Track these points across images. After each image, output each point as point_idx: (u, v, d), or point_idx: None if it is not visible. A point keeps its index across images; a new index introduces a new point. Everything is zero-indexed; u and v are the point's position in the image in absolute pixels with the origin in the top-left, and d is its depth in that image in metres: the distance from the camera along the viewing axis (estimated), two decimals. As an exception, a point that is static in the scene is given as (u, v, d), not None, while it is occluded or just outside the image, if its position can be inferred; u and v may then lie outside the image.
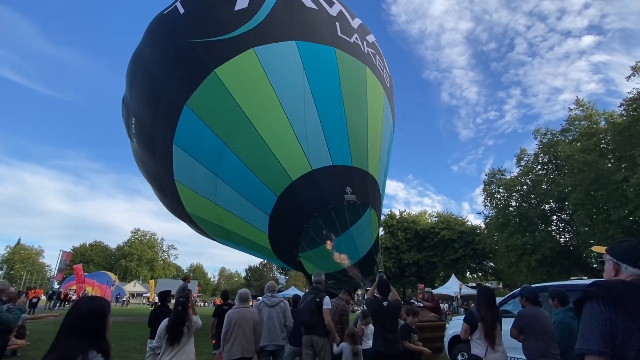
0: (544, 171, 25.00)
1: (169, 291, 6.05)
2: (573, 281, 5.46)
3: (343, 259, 8.91)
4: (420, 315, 8.17)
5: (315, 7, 9.59)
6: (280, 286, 51.24)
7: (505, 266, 26.68)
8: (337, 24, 9.88)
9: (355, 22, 10.87)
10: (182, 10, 9.15)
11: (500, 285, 31.86)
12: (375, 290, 4.53)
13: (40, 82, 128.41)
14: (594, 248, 2.34)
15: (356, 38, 10.22)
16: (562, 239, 24.11)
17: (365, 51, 10.37)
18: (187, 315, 3.88)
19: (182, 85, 8.76)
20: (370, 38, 11.27)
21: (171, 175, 9.75)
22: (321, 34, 9.34)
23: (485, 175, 28.11)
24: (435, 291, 24.37)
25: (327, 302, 4.54)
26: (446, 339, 6.62)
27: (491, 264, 32.72)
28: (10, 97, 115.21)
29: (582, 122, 22.64)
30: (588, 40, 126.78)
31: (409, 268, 33.18)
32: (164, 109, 9.09)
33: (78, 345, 1.63)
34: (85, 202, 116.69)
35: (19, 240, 65.87)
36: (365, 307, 5.34)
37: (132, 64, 10.16)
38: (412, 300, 9.84)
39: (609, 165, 19.11)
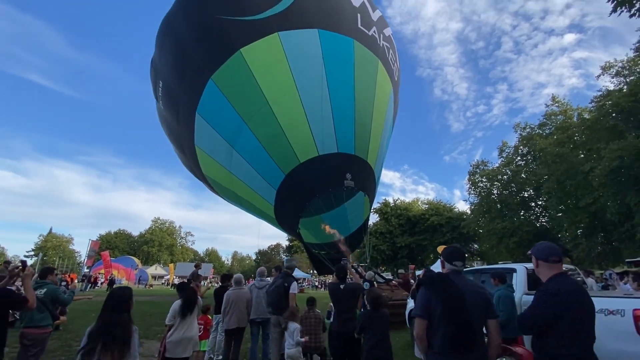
0: (523, 162, 25.38)
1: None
2: (501, 265, 6.17)
3: (335, 232, 9.31)
4: (395, 293, 8.99)
5: None
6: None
7: (488, 248, 27.41)
8: (359, 15, 9.65)
9: (376, 15, 10.62)
10: None
11: (485, 265, 32.64)
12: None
13: (65, 85, 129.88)
14: (439, 248, 3.07)
15: (374, 31, 10.04)
16: (538, 224, 24.68)
17: (381, 45, 10.24)
18: (197, 297, 4.44)
19: (209, 59, 8.68)
20: (387, 31, 11.07)
21: (192, 139, 9.83)
22: (343, 24, 9.15)
23: (471, 166, 28.63)
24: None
25: (293, 287, 4.77)
26: (407, 312, 7.32)
27: (476, 246, 33.45)
28: (39, 99, 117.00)
29: (559, 117, 22.92)
30: (569, 38, 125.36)
31: (401, 251, 34.05)
32: (190, 78, 9.07)
33: (115, 315, 2.46)
34: (110, 193, 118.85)
35: (51, 229, 67.75)
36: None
37: (162, 29, 9.92)
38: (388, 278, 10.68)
39: (582, 156, 19.49)
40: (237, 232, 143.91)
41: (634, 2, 7.94)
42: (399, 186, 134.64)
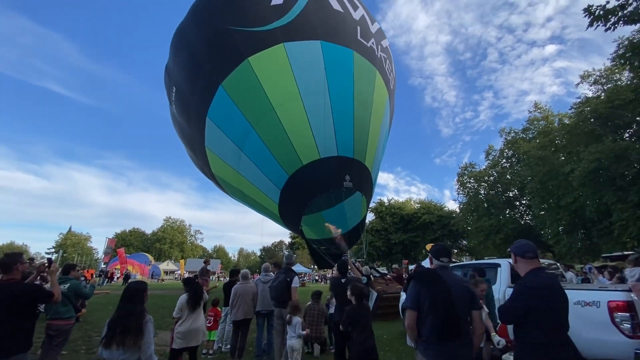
0: (508, 164, 25.41)
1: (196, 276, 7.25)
2: (487, 260, 6.20)
3: (334, 229, 9.30)
4: (389, 287, 9.00)
5: (341, 10, 9.46)
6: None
7: (476, 244, 27.39)
8: (359, 27, 9.65)
9: (374, 27, 10.60)
10: None
11: (473, 260, 32.64)
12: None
13: (80, 93, 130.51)
14: (427, 246, 3.12)
15: (373, 42, 10.03)
16: (522, 221, 24.69)
17: (379, 55, 10.24)
18: (203, 292, 4.54)
19: (219, 67, 8.69)
20: (385, 43, 11.03)
21: (203, 141, 9.80)
22: (343, 36, 9.18)
23: (459, 168, 28.70)
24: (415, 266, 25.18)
25: (295, 281, 4.73)
26: (400, 305, 7.33)
27: (465, 242, 33.45)
28: (57, 107, 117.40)
29: (541, 122, 22.96)
30: (551, 49, 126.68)
31: (395, 247, 34.05)
32: (202, 85, 9.06)
33: (130, 306, 2.52)
34: (124, 195, 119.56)
35: (70, 228, 67.90)
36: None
37: (176, 38, 9.90)
38: (384, 272, 10.70)
39: (563, 158, 19.51)
40: (242, 230, 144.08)
41: (609, 17, 8.00)
42: (393, 187, 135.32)
